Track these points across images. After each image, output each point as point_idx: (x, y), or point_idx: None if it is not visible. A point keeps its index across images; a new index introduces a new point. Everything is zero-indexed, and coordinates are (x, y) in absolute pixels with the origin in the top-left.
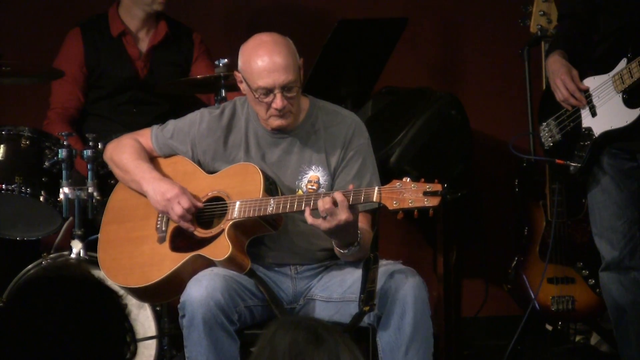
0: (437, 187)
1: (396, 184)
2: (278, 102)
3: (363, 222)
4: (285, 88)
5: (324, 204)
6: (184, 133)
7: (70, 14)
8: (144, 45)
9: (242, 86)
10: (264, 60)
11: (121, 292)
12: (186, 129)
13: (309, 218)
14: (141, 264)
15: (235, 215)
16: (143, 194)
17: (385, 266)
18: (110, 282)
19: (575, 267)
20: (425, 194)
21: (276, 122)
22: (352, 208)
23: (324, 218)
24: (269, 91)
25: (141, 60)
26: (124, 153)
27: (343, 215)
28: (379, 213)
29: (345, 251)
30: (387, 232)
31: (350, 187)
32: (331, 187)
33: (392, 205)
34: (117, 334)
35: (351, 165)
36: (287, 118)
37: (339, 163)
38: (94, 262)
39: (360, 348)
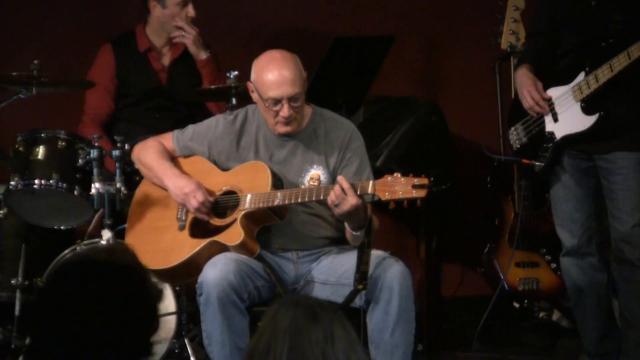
0: (424, 180)
1: (388, 178)
2: (285, 111)
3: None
4: (292, 99)
5: (335, 192)
6: (202, 136)
7: (101, 31)
8: (166, 59)
9: (254, 95)
10: (274, 74)
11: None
12: (204, 132)
13: (334, 208)
14: (163, 249)
15: (246, 207)
16: (165, 189)
17: (376, 257)
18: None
19: (539, 253)
20: (414, 186)
21: (282, 129)
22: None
23: (336, 205)
24: (277, 101)
25: (164, 73)
26: (149, 153)
27: (353, 199)
28: (372, 205)
29: (358, 234)
30: (381, 224)
31: (340, 186)
32: (330, 184)
33: (385, 196)
34: (141, 311)
35: (351, 164)
36: (292, 125)
37: (338, 163)
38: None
39: (355, 327)
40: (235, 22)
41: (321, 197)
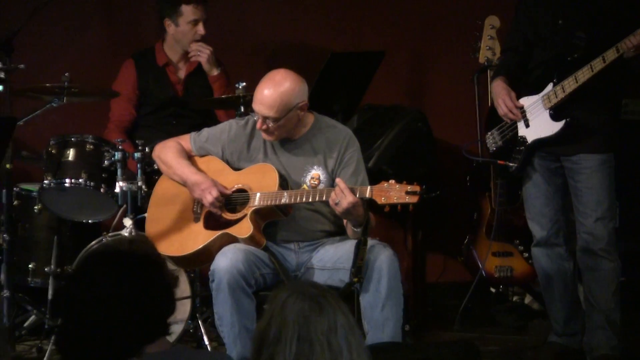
0: (417, 188)
1: (384, 184)
2: (259, 123)
3: None
4: (265, 117)
5: (335, 192)
6: (216, 138)
7: (124, 47)
8: (182, 72)
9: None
10: (260, 91)
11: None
12: (218, 135)
13: (334, 207)
14: (180, 238)
15: (256, 204)
16: (182, 184)
17: (368, 244)
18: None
19: (513, 244)
20: (407, 193)
21: (263, 135)
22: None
23: (337, 204)
24: (259, 116)
25: (180, 84)
26: (168, 152)
27: (349, 198)
28: (368, 207)
29: (357, 230)
30: (372, 220)
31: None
32: (329, 184)
33: (381, 200)
34: (159, 295)
35: (349, 166)
36: (269, 135)
37: (336, 165)
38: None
39: (348, 305)
40: (240, 39)
41: (323, 198)
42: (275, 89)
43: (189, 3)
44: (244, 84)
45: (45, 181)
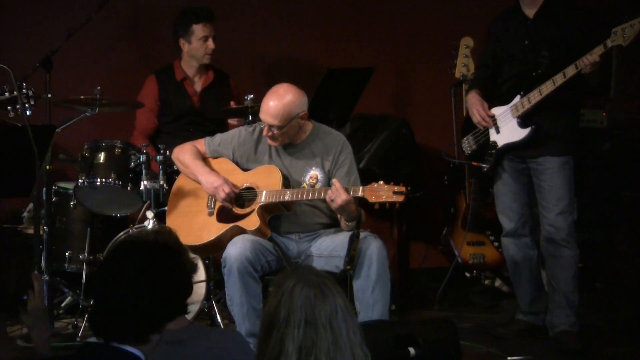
0: (403, 188)
1: (374, 185)
2: (265, 130)
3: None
4: (270, 125)
5: (331, 191)
6: (228, 142)
7: (148, 64)
8: (198, 86)
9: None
10: (265, 102)
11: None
12: (229, 140)
13: (331, 203)
14: (195, 229)
15: (262, 200)
16: (198, 182)
17: (361, 233)
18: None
19: (485, 234)
20: (395, 193)
21: (268, 141)
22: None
23: (332, 201)
24: (265, 125)
25: (196, 97)
26: (186, 154)
27: (343, 196)
28: (359, 204)
29: (350, 224)
30: (364, 214)
31: (336, 188)
32: (325, 183)
33: (372, 199)
34: (178, 279)
35: (343, 167)
36: (274, 141)
37: (332, 166)
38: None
39: (344, 290)
40: (247, 56)
41: (321, 196)
42: (279, 101)
43: (198, 22)
44: (252, 96)
45: (80, 180)
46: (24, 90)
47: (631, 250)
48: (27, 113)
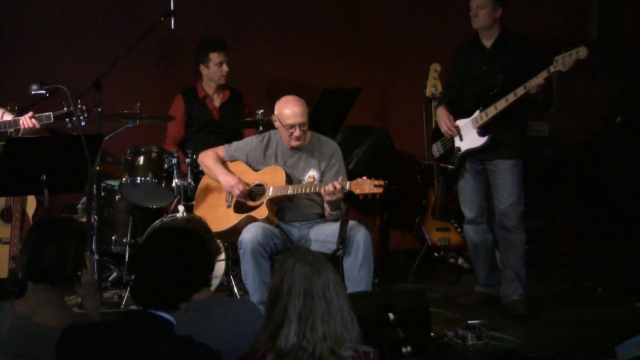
0: (381, 182)
1: (359, 180)
2: (297, 132)
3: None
4: (301, 125)
5: (332, 187)
6: (242, 148)
7: (176, 86)
8: (217, 102)
9: (277, 124)
10: (290, 109)
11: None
12: (243, 146)
13: (326, 196)
14: (217, 219)
15: (270, 194)
16: (218, 181)
17: (349, 224)
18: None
19: (450, 222)
20: (375, 185)
21: (295, 143)
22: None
23: (329, 194)
24: (292, 126)
25: (215, 111)
26: (208, 158)
27: (339, 194)
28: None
29: (334, 213)
30: (351, 206)
31: (330, 184)
32: (321, 180)
33: (357, 191)
34: (203, 258)
35: (334, 167)
36: (300, 141)
37: (326, 167)
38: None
39: (335, 268)
40: (255, 77)
41: (317, 190)
42: (300, 103)
43: (214, 51)
44: (262, 110)
45: (123, 179)
46: (79, 106)
47: (568, 235)
48: (82, 124)
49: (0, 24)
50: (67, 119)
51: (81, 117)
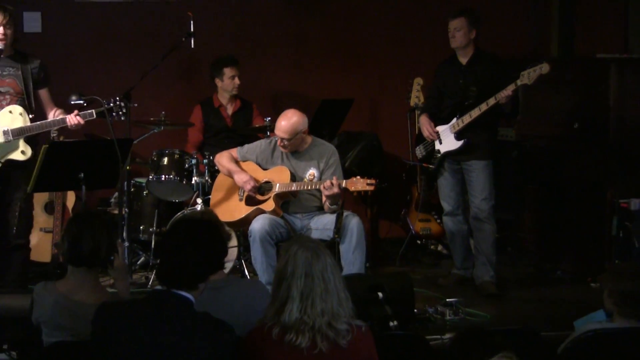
0: (373, 181)
1: (354, 178)
2: (279, 142)
3: None
4: (282, 139)
5: (330, 184)
6: (253, 150)
7: (195, 97)
8: (230, 111)
9: None
10: (279, 122)
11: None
12: (253, 149)
13: (324, 191)
14: (231, 210)
15: (276, 190)
16: (232, 179)
17: (345, 214)
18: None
19: (431, 214)
20: (368, 184)
21: (281, 148)
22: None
23: (327, 189)
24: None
25: (229, 119)
26: (224, 158)
27: (335, 189)
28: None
29: (332, 207)
30: (346, 199)
31: (328, 181)
32: (320, 178)
33: (351, 188)
34: (218, 244)
35: (332, 168)
36: (285, 149)
37: (325, 166)
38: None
39: (332, 253)
40: (263, 88)
41: (317, 187)
42: (288, 121)
43: (227, 66)
44: (269, 118)
45: (150, 176)
46: (118, 103)
47: (532, 225)
48: (122, 118)
49: (45, 43)
50: (107, 116)
51: (120, 112)
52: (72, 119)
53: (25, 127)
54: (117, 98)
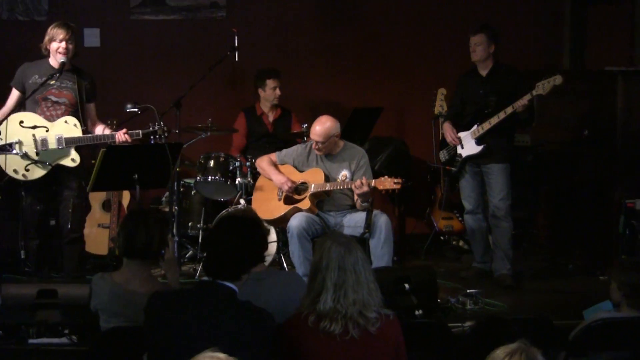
0: (400, 180)
1: (382, 178)
2: (314, 145)
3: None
4: (317, 142)
5: (360, 183)
6: (290, 154)
7: (239, 105)
8: (271, 118)
9: None
10: (314, 127)
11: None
12: (291, 153)
13: (355, 190)
14: (270, 209)
15: (312, 190)
16: (271, 180)
17: (374, 213)
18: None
19: (453, 212)
20: (395, 182)
21: (316, 151)
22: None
23: (358, 189)
24: (312, 141)
25: (270, 125)
26: (264, 162)
27: (365, 188)
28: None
29: (364, 204)
30: (375, 198)
31: (358, 181)
32: (351, 178)
33: (380, 187)
34: (259, 239)
35: (362, 169)
36: (319, 151)
37: (356, 168)
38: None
39: (363, 248)
40: (301, 98)
41: (349, 186)
42: (322, 126)
43: (270, 78)
44: (306, 125)
45: (198, 177)
46: (162, 127)
47: (545, 223)
48: (163, 142)
49: (104, 56)
50: (151, 137)
51: (163, 136)
52: (121, 136)
53: (78, 138)
54: (162, 123)
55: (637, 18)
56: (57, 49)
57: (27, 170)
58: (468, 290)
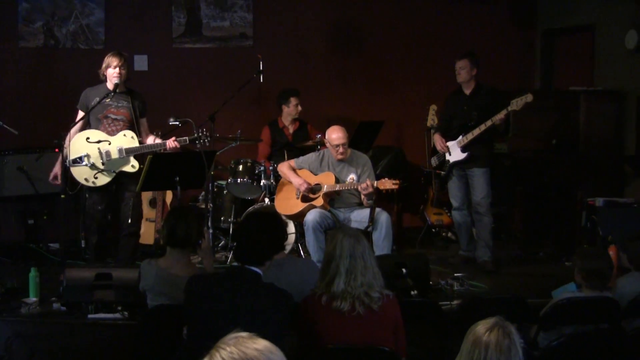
0: (397, 181)
1: (382, 180)
2: (341, 150)
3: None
4: (344, 145)
5: (366, 185)
6: (306, 161)
7: (265, 120)
8: (291, 130)
9: (327, 145)
10: (335, 134)
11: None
12: (306, 159)
13: (362, 191)
14: (290, 206)
15: (325, 190)
16: (290, 182)
17: (376, 210)
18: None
19: (443, 209)
20: (394, 183)
21: (339, 157)
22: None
23: (364, 190)
24: (337, 146)
25: (290, 136)
26: (284, 167)
27: (370, 189)
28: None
29: (369, 202)
30: (378, 198)
31: (364, 183)
32: (358, 181)
33: (381, 187)
34: (279, 231)
35: (367, 173)
36: (343, 155)
37: (361, 172)
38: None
39: (368, 239)
40: (315, 112)
41: (356, 187)
42: (341, 130)
43: (293, 96)
44: (320, 135)
45: (229, 179)
46: (205, 133)
47: (520, 217)
48: (207, 144)
49: (150, 79)
50: (196, 142)
51: (206, 140)
52: (171, 143)
53: (136, 147)
54: (205, 129)
55: (596, 46)
56: (112, 74)
57: (96, 178)
58: (455, 274)
